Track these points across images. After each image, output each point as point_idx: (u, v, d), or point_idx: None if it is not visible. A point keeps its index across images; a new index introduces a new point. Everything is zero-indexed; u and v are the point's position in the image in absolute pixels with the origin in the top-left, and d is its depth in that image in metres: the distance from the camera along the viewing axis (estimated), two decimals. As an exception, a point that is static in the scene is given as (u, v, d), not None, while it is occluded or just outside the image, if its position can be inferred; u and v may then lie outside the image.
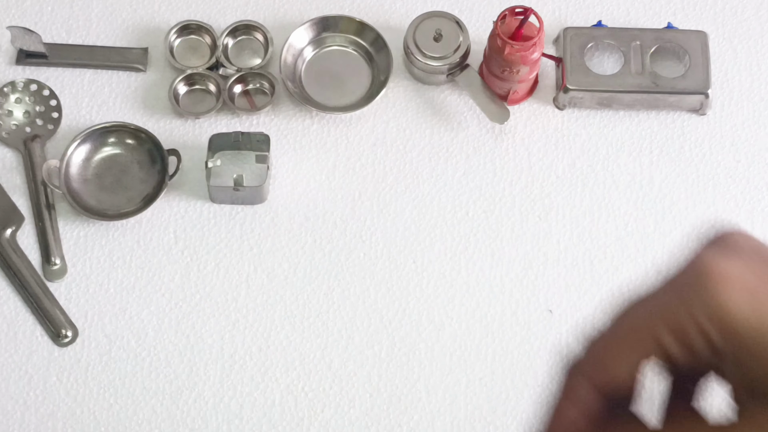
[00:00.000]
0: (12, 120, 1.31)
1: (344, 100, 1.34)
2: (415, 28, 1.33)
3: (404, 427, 1.19)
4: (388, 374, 1.22)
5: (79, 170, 1.29)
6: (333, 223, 1.28)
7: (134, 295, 1.24)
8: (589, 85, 1.32)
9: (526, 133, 1.34)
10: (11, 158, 1.31)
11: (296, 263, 1.26)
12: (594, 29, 1.36)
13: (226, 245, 1.27)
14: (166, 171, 1.27)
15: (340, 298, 1.25)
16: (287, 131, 1.33)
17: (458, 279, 1.27)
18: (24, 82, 1.33)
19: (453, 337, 1.23)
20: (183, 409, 1.19)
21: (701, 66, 1.33)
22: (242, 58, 1.36)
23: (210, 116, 1.32)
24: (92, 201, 1.28)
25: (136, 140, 1.30)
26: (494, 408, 1.20)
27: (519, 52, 1.25)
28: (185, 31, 1.36)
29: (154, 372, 1.21)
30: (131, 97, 1.34)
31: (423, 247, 1.28)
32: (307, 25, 1.36)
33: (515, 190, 1.31)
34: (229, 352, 1.22)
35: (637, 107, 1.34)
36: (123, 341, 1.22)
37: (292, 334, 1.23)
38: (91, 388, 1.20)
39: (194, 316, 1.24)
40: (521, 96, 1.34)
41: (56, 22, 1.38)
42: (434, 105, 1.35)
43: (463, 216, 1.29)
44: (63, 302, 1.24)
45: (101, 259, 1.26)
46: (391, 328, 1.24)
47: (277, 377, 1.21)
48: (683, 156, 1.33)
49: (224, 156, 1.28)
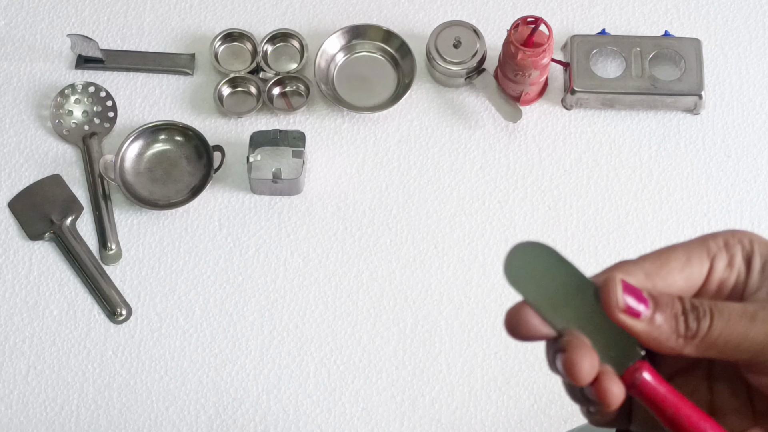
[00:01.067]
0: (72, 119, 1.34)
1: (372, 101, 1.36)
2: (437, 36, 1.35)
3: (426, 396, 1.22)
4: (412, 349, 1.24)
5: (132, 164, 1.32)
6: (362, 212, 1.31)
7: (182, 278, 1.27)
8: (594, 87, 1.34)
9: (536, 131, 1.36)
10: (71, 154, 1.34)
11: (329, 248, 1.29)
12: (598, 37, 1.37)
13: (266, 232, 1.29)
14: (211, 165, 1.30)
15: (369, 279, 1.28)
16: (321, 129, 1.35)
17: (475, 262, 1.29)
18: (83, 85, 1.35)
19: (471, 315, 1.26)
20: (227, 380, 1.22)
21: (695, 70, 1.34)
22: (280, 63, 1.39)
23: (251, 116, 1.35)
24: (144, 192, 1.31)
25: (184, 137, 1.33)
26: (508, 379, 1.23)
27: (530, 57, 1.27)
28: (228, 38, 1.39)
29: (201, 347, 1.24)
30: (180, 98, 1.37)
31: (444, 234, 1.30)
32: (339, 33, 1.38)
33: (527, 182, 1.33)
34: (268, 329, 1.25)
35: (637, 107, 1.36)
36: (172, 319, 1.25)
37: (325, 312, 1.26)
38: (143, 361, 1.23)
39: (236, 296, 1.26)
40: (532, 97, 1.36)
41: (112, 30, 1.41)
42: (453, 105, 1.37)
43: (480, 206, 1.32)
44: (118, 284, 1.27)
45: (153, 245, 1.29)
46: (414, 307, 1.26)
47: (312, 351, 1.24)
48: (679, 152, 1.35)
49: (264, 151, 1.30)
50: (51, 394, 1.21)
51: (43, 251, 1.29)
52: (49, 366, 1.23)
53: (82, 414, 1.20)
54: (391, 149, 1.35)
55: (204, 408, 1.21)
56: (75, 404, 1.21)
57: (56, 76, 1.38)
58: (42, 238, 1.29)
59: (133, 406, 1.21)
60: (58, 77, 1.38)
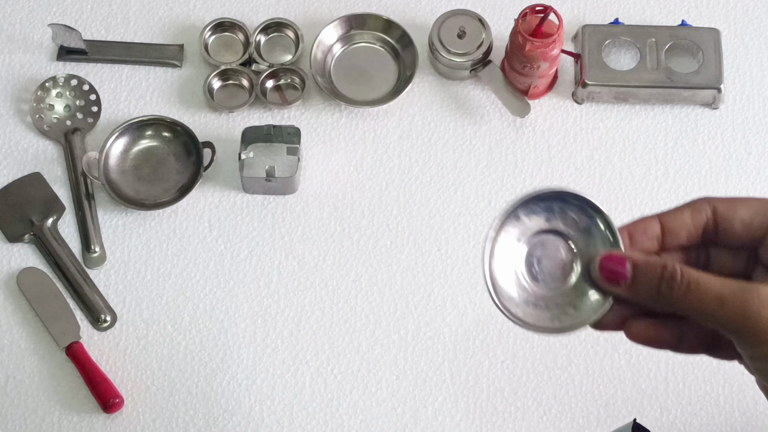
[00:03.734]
0: (53, 114, 1.31)
1: (372, 95, 1.34)
2: (440, 26, 1.33)
3: (429, 408, 1.18)
4: (413, 357, 1.21)
5: (117, 162, 1.29)
6: (361, 213, 1.28)
7: (170, 282, 1.24)
8: (607, 80, 1.32)
9: (546, 126, 1.33)
10: (52, 150, 1.31)
11: (326, 251, 1.26)
12: (611, 27, 1.35)
13: (259, 233, 1.27)
14: (200, 162, 1.27)
15: (368, 284, 1.24)
16: (317, 124, 1.32)
17: (481, 266, 1.25)
18: (65, 78, 1.33)
19: (476, 321, 1.23)
20: (217, 391, 1.19)
21: (714, 62, 1.32)
22: (274, 55, 1.36)
23: (243, 110, 1.32)
24: (130, 191, 1.28)
25: (172, 133, 1.30)
26: (515, 389, 1.19)
27: (539, 48, 1.25)
28: (219, 28, 1.37)
29: (190, 355, 1.20)
30: (167, 91, 1.34)
31: (447, 236, 1.27)
32: (336, 23, 1.35)
33: (536, 180, 1.30)
34: (261, 336, 1.21)
35: (652, 101, 1.34)
36: (159, 326, 1.22)
37: (322, 318, 1.23)
38: (128, 370, 1.19)
39: (228, 301, 1.23)
40: (541, 91, 1.34)
41: (96, 19, 1.38)
42: (458, 99, 1.34)
43: (486, 206, 1.29)
44: (102, 288, 1.23)
45: (139, 247, 1.26)
46: (416, 313, 1.23)
47: (308, 360, 1.21)
48: (697, 148, 1.32)
49: (257, 148, 1.28)
50: (31, 405, 1.18)
51: (22, 253, 1.25)
52: (29, 376, 1.19)
53: (63, 427, 1.17)
54: (392, 146, 1.32)
55: (193, 420, 1.18)
56: (57, 416, 1.17)
57: (36, 69, 1.35)
58: (21, 240, 1.26)
59: (117, 418, 1.17)
60: (39, 69, 1.35)
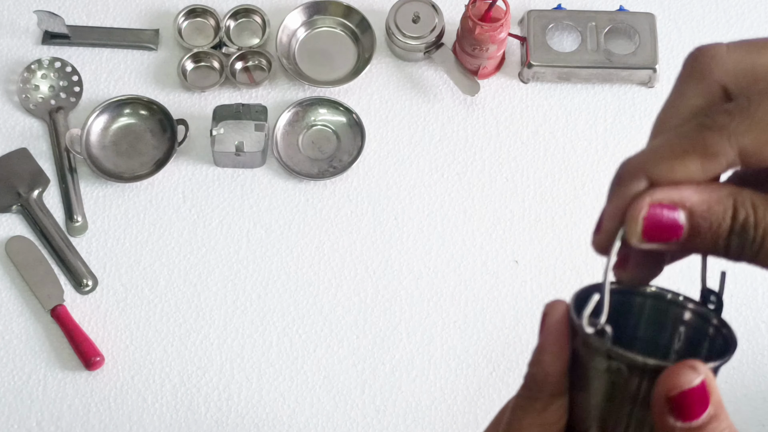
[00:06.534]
0: (38, 93, 1.32)
1: (333, 75, 1.35)
2: (396, 11, 1.33)
3: (387, 364, 1.20)
4: (372, 318, 1.22)
5: (98, 138, 1.30)
6: (323, 184, 1.28)
7: (147, 249, 1.25)
8: (550, 61, 1.32)
9: (494, 104, 1.34)
10: (38, 127, 1.31)
11: (290, 220, 1.27)
12: (554, 12, 1.36)
13: (229, 204, 1.27)
14: (175, 138, 1.28)
15: (330, 250, 1.25)
16: (282, 103, 1.32)
17: (434, 234, 1.27)
18: (49, 60, 1.33)
19: (430, 285, 1.24)
20: (191, 350, 1.20)
21: (649, 44, 1.33)
22: (242, 38, 1.36)
23: (214, 90, 1.33)
24: (110, 165, 1.29)
25: (149, 111, 1.31)
26: (467, 348, 1.21)
27: (488, 32, 1.25)
28: (192, 14, 1.37)
29: (165, 317, 1.22)
30: (144, 73, 1.34)
31: (403, 206, 1.28)
32: (300, 9, 1.36)
33: (485, 154, 1.31)
34: (232, 299, 1.23)
35: (592, 81, 1.34)
36: (137, 290, 1.23)
37: (288, 282, 1.24)
38: (109, 331, 1.21)
39: (200, 267, 1.24)
40: (490, 71, 1.34)
41: (77, 6, 1.38)
42: (413, 79, 1.35)
43: (439, 177, 1.29)
44: (84, 255, 1.24)
45: (118, 217, 1.27)
46: (375, 277, 1.24)
47: (274, 321, 1.22)
48: (634, 124, 1.33)
49: (227, 125, 1.28)
50: (19, 363, 1.19)
51: (10, 223, 1.26)
52: (16, 336, 1.21)
53: (49, 383, 1.18)
54: (352, 122, 1.33)
55: (169, 376, 1.19)
56: (42, 373, 1.19)
57: (23, 52, 1.36)
58: (9, 211, 1.26)
59: (99, 375, 1.18)
60: (25, 53, 1.36)
